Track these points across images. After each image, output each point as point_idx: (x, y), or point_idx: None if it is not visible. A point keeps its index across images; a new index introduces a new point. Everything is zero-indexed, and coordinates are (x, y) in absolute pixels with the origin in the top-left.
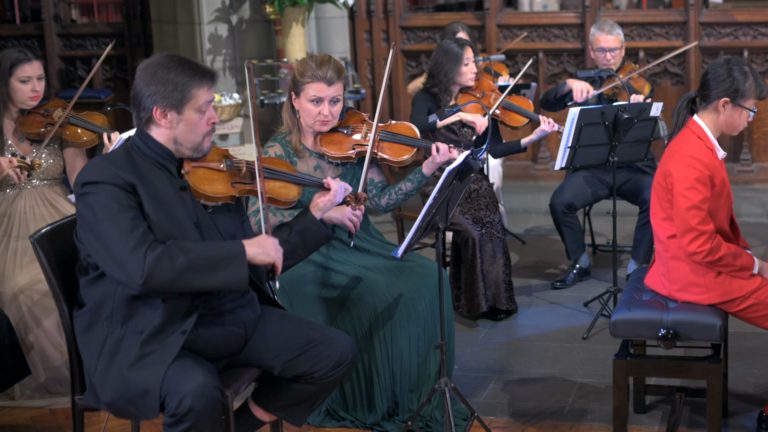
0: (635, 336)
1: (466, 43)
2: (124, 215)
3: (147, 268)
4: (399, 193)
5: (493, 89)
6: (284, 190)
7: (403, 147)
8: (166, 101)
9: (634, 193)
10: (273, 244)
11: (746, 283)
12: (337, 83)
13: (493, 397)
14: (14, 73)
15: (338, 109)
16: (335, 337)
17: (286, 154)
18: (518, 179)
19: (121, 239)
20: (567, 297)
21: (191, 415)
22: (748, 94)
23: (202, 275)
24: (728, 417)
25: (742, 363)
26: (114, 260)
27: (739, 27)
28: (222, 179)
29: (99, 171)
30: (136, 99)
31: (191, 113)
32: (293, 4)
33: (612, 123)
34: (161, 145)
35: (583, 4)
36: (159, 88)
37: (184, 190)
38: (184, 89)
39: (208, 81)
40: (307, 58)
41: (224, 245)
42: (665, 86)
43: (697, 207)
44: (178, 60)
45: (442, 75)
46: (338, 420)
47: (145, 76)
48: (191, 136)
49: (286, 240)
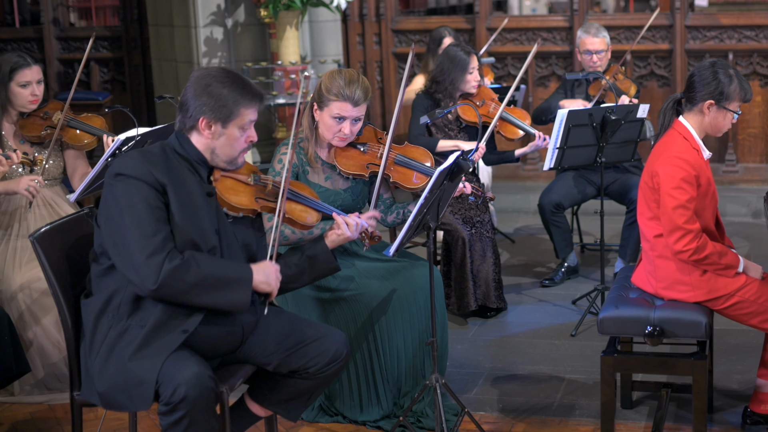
0: (622, 333)
1: (472, 51)
2: (149, 216)
3: (162, 278)
4: (407, 213)
5: (493, 98)
6: (304, 214)
7: (416, 174)
8: (214, 114)
9: (621, 192)
10: (275, 273)
11: (731, 281)
12: (363, 104)
13: (483, 393)
14: (14, 77)
15: (358, 128)
16: (329, 333)
17: (299, 162)
18: (507, 179)
19: (142, 241)
20: (555, 295)
21: (185, 403)
22: (733, 97)
23: (209, 293)
24: (713, 412)
25: (727, 359)
26: (130, 259)
27: (725, 30)
28: (247, 192)
29: (134, 166)
30: (184, 105)
31: (234, 129)
32: (287, 8)
33: (599, 124)
34: (198, 150)
35: (571, 7)
36: (210, 100)
37: (211, 196)
38: (233, 106)
39: (258, 102)
40: (335, 72)
41: (236, 268)
42: (652, 88)
43: (683, 206)
44: (234, 77)
45: (447, 82)
46: (331, 415)
47: (197, 86)
48: (229, 150)
49: (296, 263)
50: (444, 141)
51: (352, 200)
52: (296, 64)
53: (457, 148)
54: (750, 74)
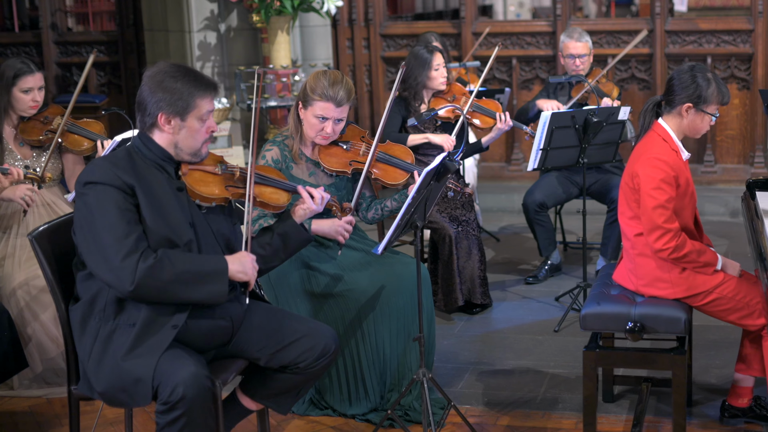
0: (604, 329)
1: (435, 49)
2: (121, 219)
3: (138, 278)
4: (385, 210)
5: (464, 93)
6: (275, 196)
7: (398, 171)
8: (171, 108)
9: (602, 192)
10: (251, 263)
11: (710, 278)
12: (345, 105)
13: (469, 387)
14: (17, 83)
15: (341, 127)
16: (318, 329)
17: (283, 158)
18: (492, 180)
19: (116, 244)
20: (539, 292)
21: (183, 402)
22: (711, 100)
23: (186, 289)
24: (692, 406)
25: (706, 354)
26: (106, 264)
27: (703, 35)
28: (217, 182)
29: (101, 172)
30: (141, 104)
31: (193, 121)
32: (278, 13)
33: (582, 126)
34: (162, 148)
35: (555, 12)
36: (165, 95)
37: (181, 191)
38: (189, 98)
39: (211, 92)
40: (320, 73)
41: (210, 260)
42: (632, 91)
43: (662, 206)
44: (185, 70)
45: (412, 80)
46: (321, 409)
47: (151, 84)
48: (191, 142)
49: (269, 243)
50: (413, 135)
51: (336, 196)
52: (287, 67)
53: (427, 140)
54: (728, 78)
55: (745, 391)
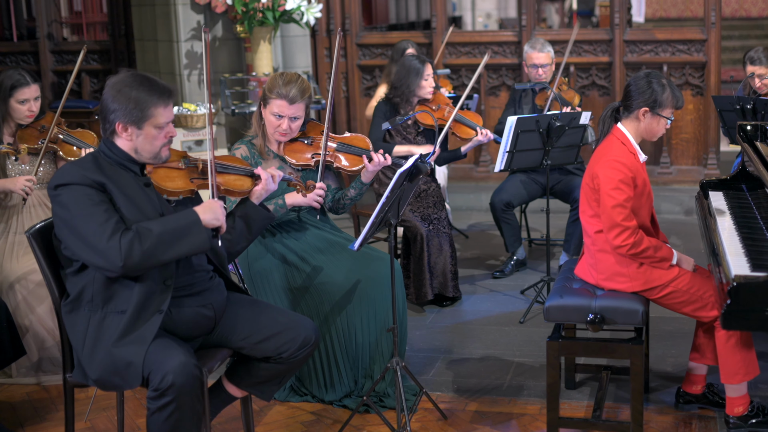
0: (566, 320)
1: (427, 60)
2: (97, 209)
3: (124, 252)
4: (345, 198)
5: (447, 102)
6: (239, 182)
7: (356, 158)
8: (127, 118)
9: (565, 192)
10: (220, 208)
11: (666, 273)
12: (299, 103)
13: (440, 374)
14: (14, 94)
15: (297, 125)
16: (299, 321)
17: (251, 155)
18: (462, 180)
19: (98, 230)
20: (505, 285)
21: (173, 389)
22: (666, 104)
23: (171, 247)
24: (649, 393)
25: (662, 344)
26: (94, 250)
27: (659, 44)
28: (181, 176)
29: (69, 174)
30: (102, 112)
31: (150, 128)
32: (261, 24)
33: (546, 130)
34: (124, 151)
35: (520, 24)
36: (122, 105)
37: (148, 186)
38: (144, 107)
39: (166, 99)
40: (278, 74)
41: (181, 216)
42: (593, 97)
43: (621, 205)
44: (141, 78)
45: (404, 87)
46: (301, 395)
47: (111, 93)
48: (150, 147)
49: (232, 227)
50: (399, 147)
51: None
52: (269, 75)
53: (411, 153)
54: (683, 84)
55: (698, 379)
